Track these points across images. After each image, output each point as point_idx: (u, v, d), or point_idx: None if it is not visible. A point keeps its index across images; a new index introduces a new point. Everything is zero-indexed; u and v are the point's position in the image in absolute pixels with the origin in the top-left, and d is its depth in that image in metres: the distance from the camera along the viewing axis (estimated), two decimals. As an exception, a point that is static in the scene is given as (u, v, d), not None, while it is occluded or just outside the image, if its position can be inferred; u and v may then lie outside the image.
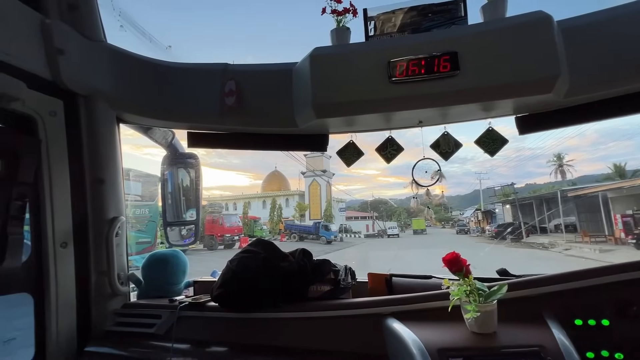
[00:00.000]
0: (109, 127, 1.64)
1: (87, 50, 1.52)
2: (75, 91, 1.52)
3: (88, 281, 1.56)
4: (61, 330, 1.44)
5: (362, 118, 1.50)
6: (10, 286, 1.35)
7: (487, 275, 1.44)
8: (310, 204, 42.95)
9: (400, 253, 18.47)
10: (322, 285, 1.39)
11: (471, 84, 1.28)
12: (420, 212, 34.31)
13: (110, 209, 1.62)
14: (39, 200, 1.42)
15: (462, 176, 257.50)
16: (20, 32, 1.32)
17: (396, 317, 1.20)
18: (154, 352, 1.39)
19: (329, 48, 1.45)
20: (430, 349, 0.95)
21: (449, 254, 1.14)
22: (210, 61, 1.69)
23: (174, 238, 2.14)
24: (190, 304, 1.43)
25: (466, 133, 1.75)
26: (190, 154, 2.15)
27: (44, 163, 1.42)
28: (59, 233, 1.46)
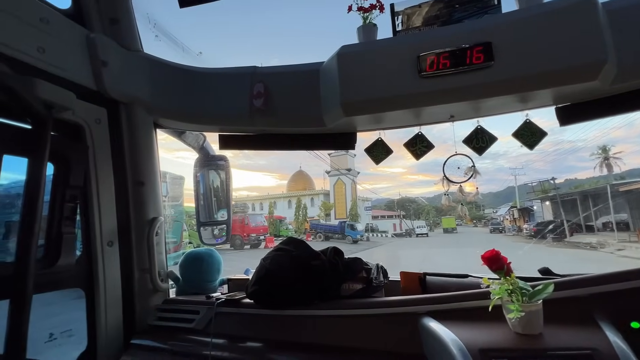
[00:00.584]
0: (147, 132, 1.76)
1: (127, 61, 1.63)
2: (117, 99, 1.64)
3: (132, 278, 1.67)
4: (110, 324, 1.56)
5: (391, 115, 1.49)
6: (66, 281, 1.48)
7: (526, 275, 1.39)
8: (335, 203, 42.92)
9: (430, 252, 17.91)
10: (354, 284, 1.40)
11: (507, 75, 1.23)
12: (451, 210, 33.17)
13: (150, 210, 1.73)
14: (88, 202, 1.55)
15: (494, 172, 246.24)
16: (70, 47, 1.44)
17: (432, 316, 1.18)
18: (194, 346, 1.47)
19: (356, 46, 1.46)
20: (471, 349, 0.93)
21: (488, 251, 1.11)
22: (238, 64, 1.76)
23: (207, 237, 2.24)
24: (227, 300, 1.50)
25: (499, 126, 1.68)
26: (220, 156, 2.24)
27: (91, 167, 1.55)
28: (106, 232, 1.58)
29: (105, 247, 1.58)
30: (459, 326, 1.09)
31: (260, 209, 45.49)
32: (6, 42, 1.22)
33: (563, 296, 1.11)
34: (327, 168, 45.33)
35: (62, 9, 1.50)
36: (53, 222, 1.40)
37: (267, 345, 1.38)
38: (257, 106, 1.60)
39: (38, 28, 1.32)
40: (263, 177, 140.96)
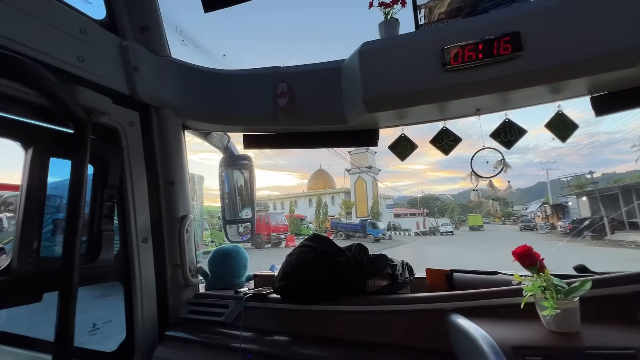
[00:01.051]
0: (176, 134, 1.84)
1: (156, 66, 1.72)
2: (148, 103, 1.73)
3: (165, 273, 1.77)
4: (146, 316, 1.66)
5: (414, 110, 1.49)
6: (106, 276, 1.59)
7: (560, 273, 1.34)
8: (356, 201, 42.72)
9: (458, 252, 17.32)
10: (379, 280, 1.41)
11: (537, 65, 1.20)
12: (478, 207, 31.97)
13: (180, 208, 1.82)
14: (124, 201, 1.65)
15: (522, 168, 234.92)
16: (105, 55, 1.55)
17: (461, 313, 1.17)
18: (224, 339, 1.54)
19: (377, 42, 1.46)
20: (503, 346, 0.91)
21: (519, 247, 1.09)
22: (260, 65, 1.81)
23: (233, 235, 2.32)
24: (254, 295, 1.55)
25: (527, 119, 1.62)
26: (243, 155, 2.31)
27: (126, 168, 1.65)
28: (140, 230, 1.68)
29: (140, 243, 1.67)
30: (489, 323, 1.07)
31: (282, 207, 46.06)
32: (50, 53, 1.32)
33: (602, 294, 1.07)
34: (347, 166, 45.19)
35: (98, 20, 1.60)
36: (94, 220, 1.51)
37: (294, 339, 1.42)
38: (281, 105, 1.64)
39: (78, 38, 1.43)
40: (284, 176, 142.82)
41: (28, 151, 1.33)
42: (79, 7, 1.50)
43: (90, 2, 1.57)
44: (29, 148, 1.33)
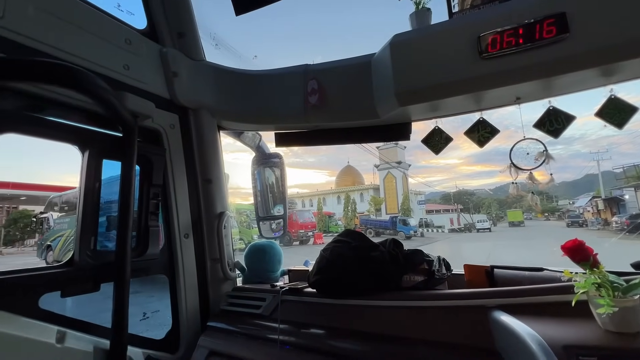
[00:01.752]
0: (213, 134, 1.93)
1: (193, 70, 1.82)
2: (186, 106, 1.83)
3: (205, 267, 1.87)
4: (189, 307, 1.77)
5: (448, 101, 1.45)
6: (153, 269, 1.71)
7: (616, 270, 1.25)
8: (385, 197, 42.09)
9: (496, 249, 16.34)
10: (415, 276, 1.40)
11: (586, 47, 1.12)
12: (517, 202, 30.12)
13: (217, 205, 1.91)
14: (167, 199, 1.76)
15: (567, 159, 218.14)
16: (148, 62, 1.66)
17: (504, 310, 1.14)
18: (262, 330, 1.60)
19: (409, 33, 1.44)
20: (553, 344, 0.87)
21: (570, 241, 1.03)
22: (290, 64, 1.84)
23: (266, 231, 2.39)
24: (290, 289, 1.60)
25: (571, 106, 1.50)
26: (275, 153, 2.37)
27: (168, 168, 1.76)
28: (182, 226, 1.79)
29: (182, 238, 1.78)
30: (536, 321, 1.02)
31: (310, 205, 46.47)
32: (101, 63, 1.44)
33: None
34: (376, 162, 44.60)
35: (140, 29, 1.71)
36: (141, 217, 1.63)
37: (329, 333, 1.45)
38: (312, 103, 1.66)
39: (123, 48, 1.55)
40: (313, 174, 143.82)
41: (84, 154, 1.47)
42: (124, 18, 1.62)
43: (134, 13, 1.69)
44: (85, 151, 1.47)
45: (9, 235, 19.16)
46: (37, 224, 13.82)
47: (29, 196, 17.11)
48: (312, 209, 37.65)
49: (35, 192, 15.55)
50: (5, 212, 19.69)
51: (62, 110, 1.40)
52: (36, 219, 14.24)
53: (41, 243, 13.03)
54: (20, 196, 17.53)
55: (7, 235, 19.12)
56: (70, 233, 10.58)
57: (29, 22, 1.22)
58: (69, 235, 10.66)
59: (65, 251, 10.67)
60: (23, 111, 1.32)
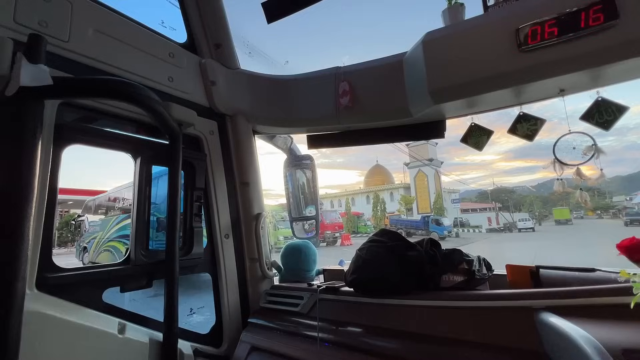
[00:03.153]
0: (248, 139, 2.04)
1: (229, 79, 1.93)
2: (224, 113, 1.94)
3: (244, 266, 1.97)
4: (231, 304, 1.87)
5: (485, 97, 1.42)
6: (198, 267, 1.83)
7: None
8: (417, 196, 41.05)
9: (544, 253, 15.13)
10: (454, 276, 1.39)
11: (639, 32, 1.06)
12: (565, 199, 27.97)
13: (255, 206, 2.01)
14: (209, 201, 1.88)
15: (621, 151, 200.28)
16: (189, 73, 1.78)
17: (552, 311, 1.10)
18: (301, 328, 1.67)
19: (442, 30, 1.43)
20: (611, 349, 0.83)
21: (626, 239, 0.99)
22: (322, 67, 1.90)
23: (299, 231, 2.46)
24: (327, 287, 1.65)
25: (620, 95, 1.40)
26: (306, 155, 2.43)
27: (209, 172, 1.88)
28: (223, 226, 1.90)
29: (223, 239, 1.89)
30: (589, 323, 0.98)
31: (339, 205, 46.41)
32: (147, 76, 1.58)
33: None
34: (406, 160, 43.66)
35: (181, 43, 1.85)
36: (187, 219, 1.76)
37: (367, 331, 1.47)
38: (344, 104, 1.70)
39: (168, 61, 1.68)
40: (343, 174, 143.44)
41: (137, 161, 1.61)
42: (167, 33, 1.76)
43: (175, 28, 1.83)
44: (137, 158, 1.61)
45: (62, 236, 21.03)
46: (76, 227, 14.26)
47: (75, 200, 18.63)
48: (341, 209, 37.46)
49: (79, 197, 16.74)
50: (58, 216, 21.63)
51: (116, 121, 1.56)
52: (75, 222, 14.76)
53: (79, 245, 13.48)
54: (68, 201, 19.08)
55: (60, 236, 20.98)
56: (102, 235, 10.91)
57: (89, 43, 1.38)
58: (101, 237, 10.97)
59: (98, 253, 10.87)
60: (83, 123, 1.48)
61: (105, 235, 10.63)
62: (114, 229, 10.37)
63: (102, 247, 10.55)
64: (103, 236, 10.78)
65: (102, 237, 10.82)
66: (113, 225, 10.47)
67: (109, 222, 10.82)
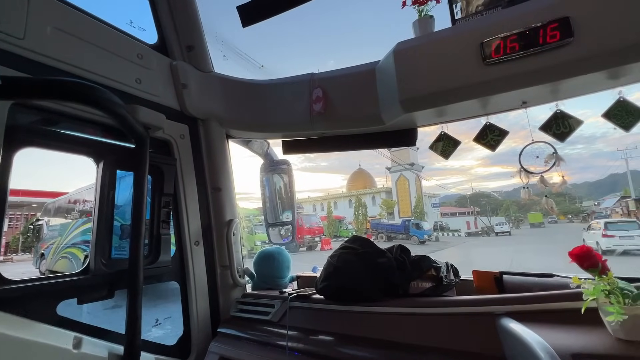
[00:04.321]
0: (221, 143, 2.01)
1: (202, 82, 1.90)
2: (196, 116, 1.91)
3: (215, 273, 1.93)
4: (200, 313, 1.83)
5: (454, 107, 1.47)
6: (165, 276, 1.78)
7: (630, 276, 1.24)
8: (398, 200, 41.69)
9: (520, 257, 15.53)
10: (423, 282, 1.42)
11: (591, 51, 1.13)
12: (534, 205, 29.32)
13: (227, 213, 1.98)
14: (178, 207, 1.84)
15: (589, 159, 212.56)
16: (159, 75, 1.74)
17: (512, 317, 1.14)
18: (271, 337, 1.65)
19: (412, 40, 1.47)
20: (562, 353, 0.87)
21: (577, 247, 1.04)
22: (296, 72, 1.90)
23: (275, 237, 2.44)
24: (298, 295, 1.64)
25: (586, 105, 1.49)
26: (283, 160, 2.42)
27: (178, 177, 1.83)
28: (193, 233, 1.86)
29: (193, 246, 1.85)
30: (544, 328, 1.03)
31: (322, 209, 46.45)
32: (113, 77, 1.53)
33: None
34: (388, 164, 44.33)
35: (151, 44, 1.81)
36: (153, 226, 1.71)
37: (338, 339, 1.48)
38: (317, 110, 1.71)
39: (136, 63, 1.63)
40: (327, 177, 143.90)
41: (99, 165, 1.55)
42: (136, 34, 1.71)
43: (145, 29, 1.78)
44: (99, 162, 1.55)
45: (27, 242, 19.80)
46: (34, 231, 12.79)
47: (40, 203, 17.61)
48: (323, 213, 37.39)
49: (46, 199, 15.60)
50: (23, 220, 20.38)
51: (77, 123, 1.49)
52: (33, 227, 13.23)
53: (36, 251, 12.17)
54: (32, 203, 18.05)
55: (25, 242, 19.76)
56: (60, 241, 9.98)
57: (48, 42, 1.32)
58: (59, 243, 10.01)
59: (55, 260, 9.96)
60: (39, 125, 1.41)
61: (64, 241, 9.81)
62: (72, 234, 9.57)
63: (60, 254, 9.70)
64: (61, 242, 9.92)
65: (61, 243, 9.95)
66: (72, 230, 9.67)
67: (68, 226, 10.00)
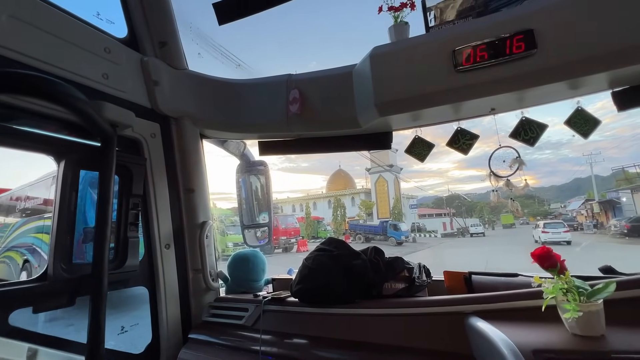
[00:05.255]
0: (195, 143, 1.96)
1: (175, 79, 1.85)
2: (168, 115, 1.86)
3: (187, 277, 1.89)
4: (170, 319, 1.78)
5: (427, 112, 1.52)
6: (133, 280, 1.72)
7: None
8: (377, 201, 42.28)
9: (495, 257, 16.08)
10: (396, 283, 1.45)
11: (553, 62, 1.21)
12: (504, 207, 30.70)
13: (200, 214, 1.94)
14: (147, 209, 1.78)
15: (556, 164, 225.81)
16: (128, 71, 1.68)
17: (480, 315, 1.20)
18: (244, 342, 1.63)
19: (388, 45, 1.51)
20: (523, 349, 0.92)
21: (538, 248, 1.10)
22: (275, 72, 1.90)
23: (251, 239, 2.42)
24: (272, 298, 1.63)
25: (551, 113, 1.60)
26: (259, 161, 2.41)
27: (148, 177, 1.77)
28: (163, 236, 1.80)
29: (163, 249, 1.80)
30: (509, 326, 1.08)
31: (301, 209, 46.31)
32: (78, 72, 1.46)
33: (629, 296, 1.06)
34: (368, 166, 44.89)
35: (120, 38, 1.74)
36: (120, 228, 1.64)
37: (312, 342, 1.48)
38: (293, 111, 1.71)
39: (103, 57, 1.57)
40: (309, 178, 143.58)
41: (60, 164, 1.48)
42: (103, 27, 1.65)
43: (114, 22, 1.71)
44: (60, 161, 1.48)
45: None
46: None
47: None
48: (294, 214, 37.00)
49: None
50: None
51: (36, 119, 1.41)
52: None
53: None
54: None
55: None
56: None
57: (1, 30, 1.24)
58: None
59: None
60: None
61: (3, 244, 9.08)
62: (11, 236, 8.88)
63: (0, 259, 8.89)
64: (0, 244, 9.14)
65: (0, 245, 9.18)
66: (11, 232, 8.96)
67: (9, 227, 9.19)
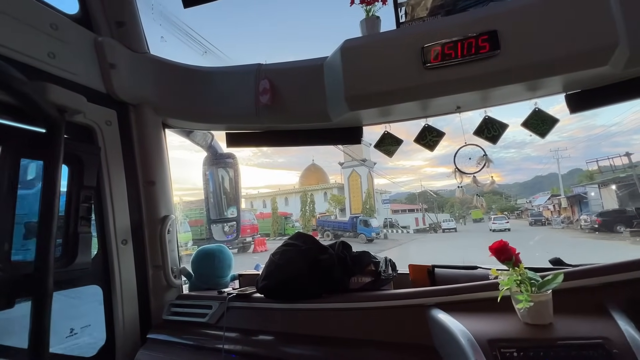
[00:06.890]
0: (156, 132, 1.88)
1: (134, 63, 1.75)
2: (126, 101, 1.76)
3: (146, 275, 1.82)
4: (127, 319, 1.71)
5: (397, 107, 1.56)
6: (84, 279, 1.63)
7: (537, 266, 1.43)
8: (350, 197, 42.72)
9: (472, 253, 16.63)
10: (363, 277, 1.49)
11: (514, 63, 1.28)
12: (470, 203, 32.06)
13: (161, 209, 1.87)
14: (102, 202, 1.69)
15: (520, 162, 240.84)
16: (79, 51, 1.57)
17: (441, 307, 1.26)
18: (208, 340, 1.60)
19: (359, 39, 1.52)
20: (479, 339, 0.99)
21: (496, 242, 1.17)
22: (244, 62, 1.85)
23: (218, 234, 2.37)
24: (238, 295, 1.62)
25: (514, 114, 1.71)
26: (228, 154, 2.36)
27: (103, 168, 1.68)
28: (120, 231, 1.72)
29: (120, 245, 1.72)
30: (467, 317, 1.15)
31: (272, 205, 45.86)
32: (18, 49, 1.34)
33: (574, 286, 1.15)
34: (341, 160, 45.18)
35: (70, 14, 1.62)
36: (69, 223, 1.54)
37: (279, 339, 1.49)
38: (263, 102, 1.69)
39: (48, 34, 1.45)
40: (285, 174, 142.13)
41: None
42: (50, 1, 1.52)
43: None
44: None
45: None
46: None
47: None
48: (253, 210, 35.77)
49: None
50: None
51: None
52: None
53: None
54: None
55: None
56: None
57: None
58: None
59: None
60: None
61: None
62: None
63: None
64: None
65: None
66: None
67: None
